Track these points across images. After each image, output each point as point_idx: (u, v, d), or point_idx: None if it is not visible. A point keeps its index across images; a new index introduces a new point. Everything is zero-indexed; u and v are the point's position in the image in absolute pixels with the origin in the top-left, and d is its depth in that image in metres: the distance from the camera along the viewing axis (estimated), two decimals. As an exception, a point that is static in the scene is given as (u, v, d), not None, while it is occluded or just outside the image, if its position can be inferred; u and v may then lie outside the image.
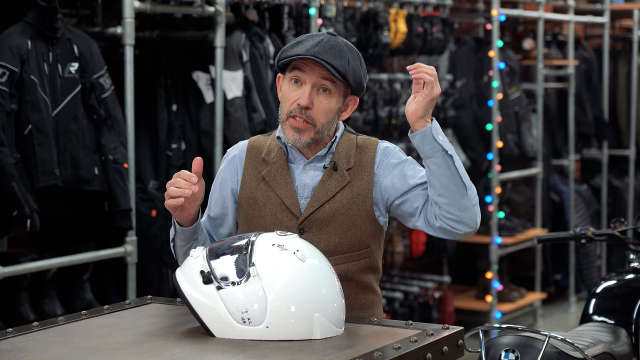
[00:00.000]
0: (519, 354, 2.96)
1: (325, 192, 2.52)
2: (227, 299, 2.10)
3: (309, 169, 2.55)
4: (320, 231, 2.50)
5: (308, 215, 2.50)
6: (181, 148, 4.57)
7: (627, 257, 3.64)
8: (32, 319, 3.83)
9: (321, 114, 2.48)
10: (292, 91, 2.49)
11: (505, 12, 6.44)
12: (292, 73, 2.49)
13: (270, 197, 2.54)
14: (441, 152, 2.40)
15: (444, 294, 6.32)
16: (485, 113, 6.44)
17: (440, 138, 2.41)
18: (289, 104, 2.49)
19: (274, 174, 2.55)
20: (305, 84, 2.47)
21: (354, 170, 2.55)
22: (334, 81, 2.48)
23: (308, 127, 2.48)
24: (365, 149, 2.57)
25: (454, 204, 2.44)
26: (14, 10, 4.03)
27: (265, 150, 2.60)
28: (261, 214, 2.54)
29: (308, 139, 2.49)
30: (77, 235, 4.24)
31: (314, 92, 2.47)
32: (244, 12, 4.84)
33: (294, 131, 2.48)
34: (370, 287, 2.60)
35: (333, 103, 2.49)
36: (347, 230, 2.51)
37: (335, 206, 2.51)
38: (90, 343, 2.10)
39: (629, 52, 7.95)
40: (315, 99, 2.47)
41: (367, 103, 5.53)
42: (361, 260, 2.55)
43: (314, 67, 2.46)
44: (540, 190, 6.98)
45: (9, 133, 3.71)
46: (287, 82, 2.51)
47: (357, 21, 5.43)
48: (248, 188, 2.57)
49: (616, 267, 7.44)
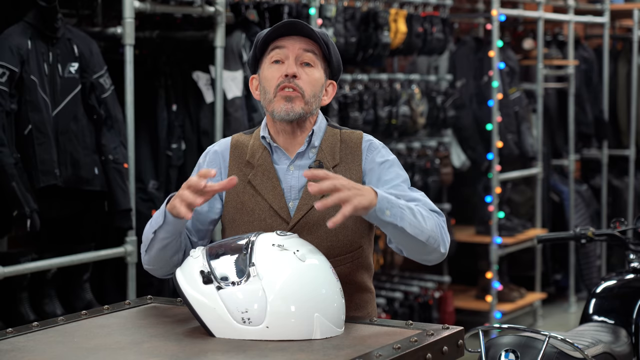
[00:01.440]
0: (519, 354, 2.96)
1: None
2: (227, 299, 2.10)
3: (293, 169, 2.50)
4: (312, 235, 2.44)
5: (298, 220, 2.45)
6: (181, 148, 4.57)
7: (627, 257, 3.64)
8: (32, 319, 3.83)
9: (308, 84, 2.46)
10: (274, 71, 2.47)
11: (505, 12, 6.44)
12: (272, 53, 2.47)
13: (258, 202, 2.48)
14: (390, 227, 2.29)
15: (444, 294, 6.32)
16: (485, 113, 6.44)
17: (388, 214, 2.26)
18: (274, 81, 2.46)
19: (260, 177, 2.50)
20: (287, 59, 2.46)
21: (340, 167, 2.50)
22: (316, 54, 2.47)
23: (298, 96, 2.44)
24: (351, 144, 2.52)
25: (414, 253, 2.40)
26: (14, 10, 4.03)
27: (249, 151, 2.55)
28: (250, 219, 2.48)
29: (299, 109, 2.44)
30: (77, 235, 4.24)
31: (297, 67, 2.46)
32: (244, 12, 4.84)
33: (285, 100, 2.44)
34: (364, 286, 2.56)
35: (317, 75, 2.48)
36: (339, 232, 2.46)
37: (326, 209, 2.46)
38: (90, 343, 2.10)
39: (629, 52, 7.95)
40: (300, 72, 2.46)
41: (367, 103, 5.53)
42: (354, 261, 2.51)
43: (295, 41, 2.46)
44: (540, 190, 6.98)
45: (9, 133, 3.71)
46: (268, 66, 2.48)
47: (357, 21, 5.43)
48: (234, 191, 2.51)
49: (616, 267, 7.44)
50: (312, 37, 2.46)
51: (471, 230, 6.71)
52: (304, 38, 2.47)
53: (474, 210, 6.75)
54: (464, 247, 6.60)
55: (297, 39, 2.47)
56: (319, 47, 2.49)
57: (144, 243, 2.47)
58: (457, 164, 6.57)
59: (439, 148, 6.26)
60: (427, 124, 6.06)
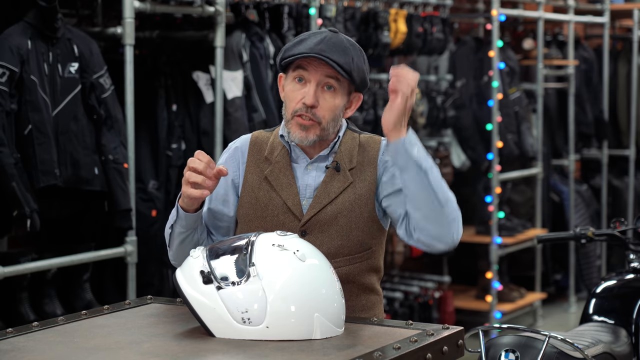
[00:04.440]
0: (519, 354, 2.96)
1: (327, 193, 2.49)
2: (227, 299, 2.10)
3: (311, 169, 2.53)
4: (322, 233, 2.47)
5: (310, 218, 2.48)
6: (181, 148, 4.57)
7: (627, 257, 3.64)
8: (32, 319, 3.83)
9: (327, 111, 2.46)
10: (296, 90, 2.47)
11: (505, 12, 6.44)
12: (296, 72, 2.47)
13: (273, 198, 2.51)
14: (415, 166, 2.34)
15: (444, 294, 6.33)
16: (485, 113, 6.44)
17: (415, 151, 2.34)
18: (293, 103, 2.46)
19: (277, 174, 2.53)
20: (309, 82, 2.45)
21: (356, 170, 2.52)
22: (339, 79, 2.46)
23: (314, 125, 2.45)
24: (368, 148, 2.55)
25: (429, 219, 2.37)
26: (14, 10, 4.02)
27: (268, 148, 2.57)
28: (262, 215, 2.51)
29: (314, 136, 2.46)
30: (77, 235, 4.24)
31: (319, 90, 2.45)
32: (244, 12, 4.84)
33: (300, 129, 2.45)
34: (371, 288, 2.58)
35: (338, 100, 2.47)
36: (350, 232, 2.48)
37: (338, 208, 2.48)
38: (90, 343, 2.10)
39: (629, 52, 7.95)
40: (320, 97, 2.45)
41: (367, 103, 5.54)
42: (363, 262, 2.52)
43: (318, 65, 2.44)
44: (540, 190, 6.98)
45: (9, 133, 3.71)
46: (291, 81, 2.49)
47: (357, 21, 5.43)
48: (250, 187, 2.54)
49: (616, 267, 7.43)
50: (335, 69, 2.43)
51: (471, 230, 6.71)
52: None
53: (474, 210, 6.74)
54: (464, 247, 6.57)
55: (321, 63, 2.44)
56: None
57: (167, 239, 2.55)
58: (457, 164, 6.57)
59: (439, 148, 6.26)
60: (427, 124, 6.06)
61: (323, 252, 2.25)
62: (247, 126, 4.69)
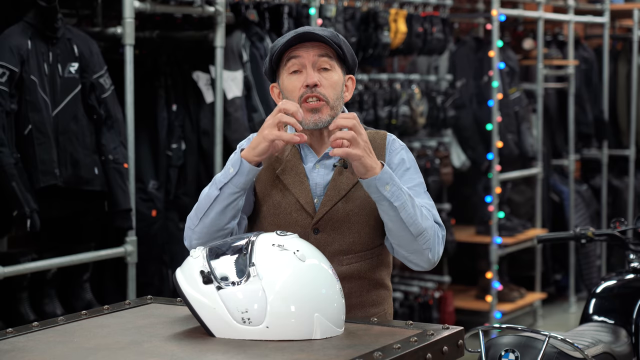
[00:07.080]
0: (519, 354, 2.96)
1: (337, 190, 2.51)
2: (227, 299, 2.10)
3: (319, 167, 2.55)
4: (335, 231, 2.50)
5: (323, 215, 2.50)
6: (181, 148, 4.58)
7: (627, 257, 3.64)
8: (32, 319, 3.83)
9: (329, 88, 2.49)
10: (294, 81, 2.50)
11: (505, 12, 6.44)
12: (289, 64, 2.51)
13: (286, 196, 2.53)
14: (387, 203, 2.38)
15: (444, 294, 6.33)
16: (485, 113, 6.44)
17: (387, 190, 2.36)
18: (296, 91, 2.50)
19: (288, 172, 2.55)
20: (305, 68, 2.49)
21: None
22: (331, 57, 2.51)
23: (323, 105, 2.48)
24: (374, 144, 2.55)
25: (402, 247, 2.45)
26: (14, 10, 4.03)
27: None
28: (276, 212, 2.53)
29: (327, 116, 2.48)
30: (77, 235, 4.24)
31: (316, 72, 2.49)
32: (244, 12, 4.84)
33: (312, 113, 2.48)
34: (382, 283, 2.59)
35: (337, 77, 2.52)
36: (361, 229, 2.51)
37: (349, 206, 2.50)
38: (90, 343, 2.10)
39: (629, 52, 7.95)
40: (320, 79, 2.49)
41: (367, 103, 5.53)
42: (374, 258, 2.55)
43: (309, 48, 2.49)
44: (540, 190, 6.98)
45: (9, 133, 3.71)
46: (286, 76, 2.52)
47: (357, 21, 5.43)
48: (263, 184, 2.56)
49: (616, 267, 7.44)
50: (324, 41, 2.49)
51: (471, 230, 6.71)
52: (316, 43, 2.51)
53: (474, 210, 6.75)
54: (464, 247, 6.60)
55: (309, 45, 2.50)
56: (332, 49, 2.52)
57: (198, 211, 2.47)
58: (457, 164, 6.57)
59: (439, 148, 6.26)
60: (427, 124, 6.06)
61: (335, 250, 2.30)
62: (247, 126, 4.69)
